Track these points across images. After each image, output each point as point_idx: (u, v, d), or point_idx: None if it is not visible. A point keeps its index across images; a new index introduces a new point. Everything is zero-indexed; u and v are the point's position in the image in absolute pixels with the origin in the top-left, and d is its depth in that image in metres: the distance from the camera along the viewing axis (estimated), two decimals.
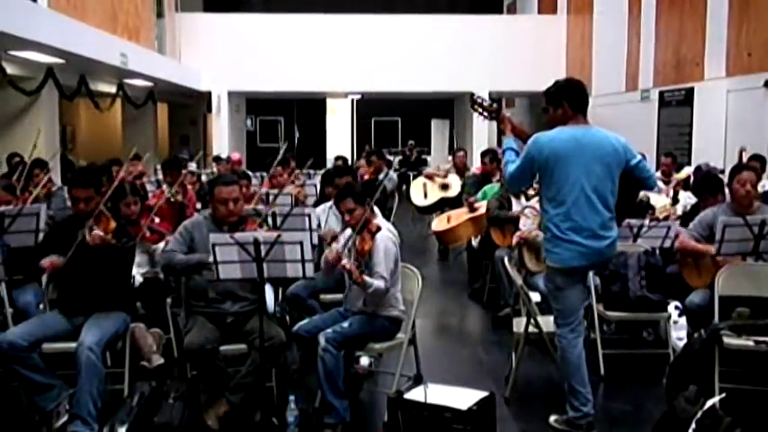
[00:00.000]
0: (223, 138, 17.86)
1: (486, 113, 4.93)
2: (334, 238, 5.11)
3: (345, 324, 4.79)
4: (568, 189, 4.45)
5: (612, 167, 4.49)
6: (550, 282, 4.68)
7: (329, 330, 4.70)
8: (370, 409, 5.21)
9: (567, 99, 4.56)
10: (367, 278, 4.73)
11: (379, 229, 4.89)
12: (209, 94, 17.70)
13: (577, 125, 4.51)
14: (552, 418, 4.74)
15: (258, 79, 17.39)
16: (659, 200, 7.77)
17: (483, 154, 9.58)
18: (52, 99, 11.65)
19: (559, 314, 4.66)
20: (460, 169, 10.90)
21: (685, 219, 6.43)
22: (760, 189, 7.88)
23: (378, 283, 4.76)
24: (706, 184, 6.55)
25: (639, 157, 4.68)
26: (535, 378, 5.71)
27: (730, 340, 4.78)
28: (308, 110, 24.99)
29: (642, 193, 6.67)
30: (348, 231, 5.02)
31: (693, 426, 3.84)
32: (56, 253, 4.73)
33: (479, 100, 4.93)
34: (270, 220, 5.98)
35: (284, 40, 17.30)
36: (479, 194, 8.69)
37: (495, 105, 4.93)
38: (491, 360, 6.29)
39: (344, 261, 4.74)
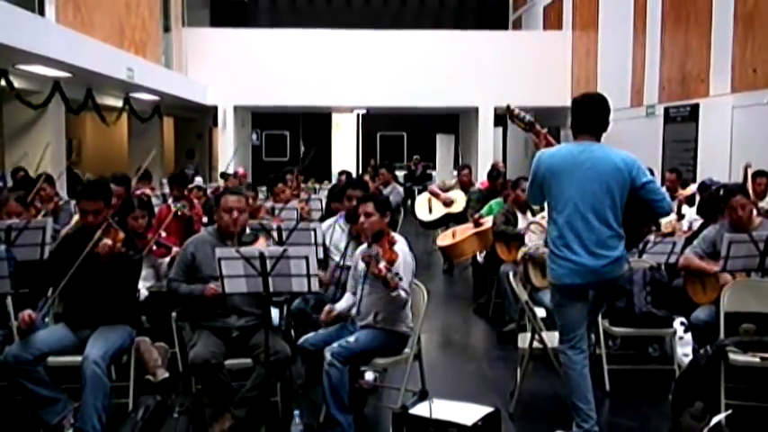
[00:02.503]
0: (228, 152, 17.88)
1: (522, 125, 5.01)
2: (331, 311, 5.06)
3: (352, 339, 4.78)
4: (562, 206, 4.46)
5: (613, 186, 4.43)
6: (552, 297, 4.74)
7: (335, 345, 4.70)
8: (374, 425, 5.20)
9: (572, 116, 4.57)
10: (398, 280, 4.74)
11: (395, 240, 4.93)
12: (215, 108, 17.75)
13: (578, 143, 4.51)
14: None
15: (264, 94, 17.44)
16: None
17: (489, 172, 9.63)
18: (59, 112, 11.69)
19: (561, 330, 4.68)
20: (466, 186, 10.90)
21: (693, 239, 6.43)
22: (765, 205, 7.88)
23: (402, 293, 4.77)
24: (711, 205, 6.54)
25: (650, 177, 4.58)
26: (540, 394, 5.70)
27: (736, 357, 4.77)
28: (314, 124, 25.01)
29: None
30: (362, 247, 5.04)
31: None
32: (63, 266, 4.74)
33: (516, 112, 5.00)
34: (276, 234, 5.98)
35: (290, 55, 17.36)
36: (485, 209, 8.70)
37: (528, 118, 5.00)
38: (496, 375, 6.28)
39: (381, 265, 4.71)
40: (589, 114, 4.54)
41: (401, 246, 4.98)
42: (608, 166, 4.45)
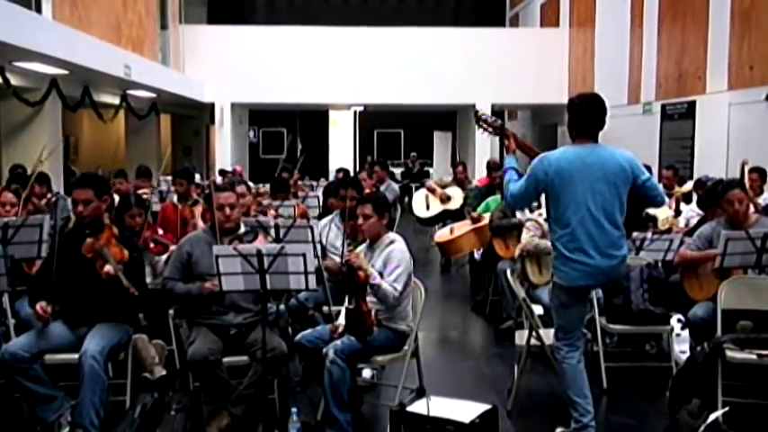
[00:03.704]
0: (226, 149, 17.88)
1: (490, 129, 4.93)
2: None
3: (353, 336, 4.78)
4: (574, 209, 4.44)
5: (619, 186, 4.46)
6: (555, 297, 4.70)
7: (338, 342, 4.70)
8: (372, 423, 5.20)
9: (570, 118, 4.57)
10: (376, 273, 4.74)
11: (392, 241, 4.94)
12: (213, 105, 17.72)
13: (583, 145, 4.50)
14: (558, 431, 4.73)
15: (261, 91, 17.41)
16: (662, 212, 7.77)
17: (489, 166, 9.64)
18: (56, 110, 11.67)
19: (560, 329, 4.69)
20: (462, 183, 10.90)
21: (692, 233, 6.44)
22: (761, 202, 7.89)
23: (386, 287, 4.77)
24: (710, 197, 6.54)
25: (648, 174, 4.63)
26: (537, 391, 5.71)
27: (733, 354, 4.78)
28: (311, 122, 25.01)
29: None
30: (362, 247, 5.05)
31: None
32: (62, 268, 4.72)
33: (484, 116, 4.93)
34: (273, 231, 5.98)
35: (287, 53, 17.33)
36: (482, 206, 8.68)
37: (499, 122, 4.92)
38: (493, 373, 6.28)
39: (352, 256, 4.74)
40: (588, 116, 4.52)
41: (399, 245, 4.99)
42: (615, 168, 4.46)
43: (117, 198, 6.57)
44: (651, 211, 7.43)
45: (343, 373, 4.61)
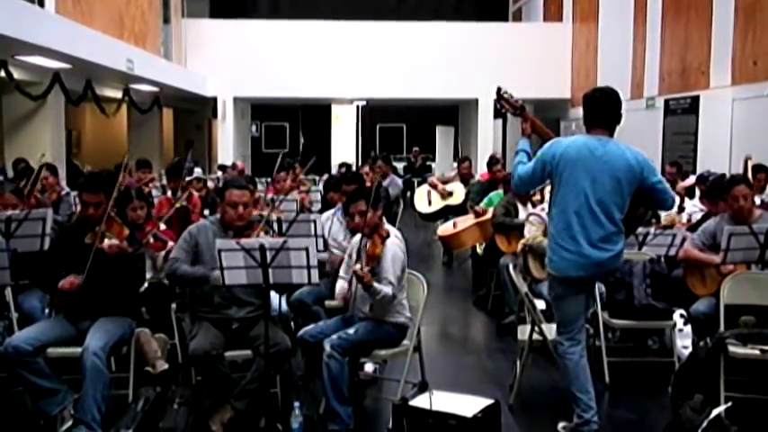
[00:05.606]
0: (228, 143, 17.88)
1: (510, 108, 4.89)
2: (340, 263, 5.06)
3: (351, 330, 4.78)
4: (572, 197, 4.44)
5: (623, 183, 4.45)
6: (552, 289, 4.74)
7: (334, 337, 4.70)
8: (374, 416, 5.21)
9: (585, 111, 4.57)
10: (377, 284, 4.73)
11: (388, 234, 4.90)
12: (215, 99, 17.73)
13: (595, 136, 4.50)
14: (560, 425, 4.73)
15: (263, 85, 17.42)
16: None
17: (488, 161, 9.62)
18: (58, 104, 11.68)
19: (559, 322, 4.70)
20: (466, 179, 10.90)
21: (695, 229, 6.43)
22: (766, 198, 7.87)
23: (386, 290, 4.76)
24: (714, 190, 6.53)
25: (660, 177, 4.62)
26: (539, 385, 5.71)
27: (736, 349, 4.77)
28: (313, 116, 25.01)
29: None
30: (357, 237, 5.03)
31: None
32: (64, 259, 4.72)
33: (506, 95, 4.89)
34: (275, 225, 5.97)
35: (290, 47, 17.33)
36: (485, 201, 8.69)
37: (520, 102, 4.89)
38: (496, 367, 6.28)
39: (356, 266, 4.75)
40: (602, 109, 4.53)
41: (393, 239, 4.97)
42: (622, 164, 4.45)
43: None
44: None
45: (341, 367, 4.61)
